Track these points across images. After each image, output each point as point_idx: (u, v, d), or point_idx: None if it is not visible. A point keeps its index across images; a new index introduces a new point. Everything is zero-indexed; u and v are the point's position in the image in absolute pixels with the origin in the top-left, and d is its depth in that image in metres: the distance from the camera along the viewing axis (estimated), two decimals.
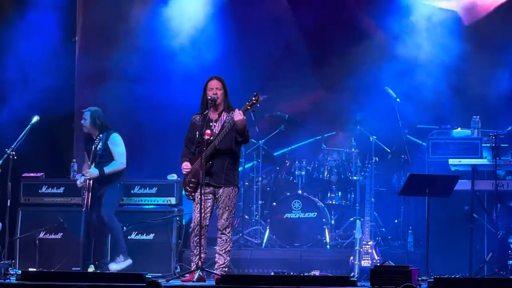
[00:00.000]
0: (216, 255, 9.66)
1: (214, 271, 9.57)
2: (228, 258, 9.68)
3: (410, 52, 12.70)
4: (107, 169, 10.74)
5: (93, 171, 10.65)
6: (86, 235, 10.97)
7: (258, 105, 9.73)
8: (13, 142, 10.72)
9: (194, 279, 9.39)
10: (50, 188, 11.56)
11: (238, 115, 9.45)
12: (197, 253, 9.39)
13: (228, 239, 9.61)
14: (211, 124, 9.56)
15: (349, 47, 13.18)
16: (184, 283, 9.24)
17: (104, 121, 11.02)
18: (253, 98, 9.61)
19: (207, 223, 9.58)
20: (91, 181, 10.71)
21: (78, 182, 10.88)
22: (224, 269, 9.56)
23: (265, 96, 9.90)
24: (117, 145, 10.90)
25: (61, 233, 11.46)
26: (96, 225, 10.92)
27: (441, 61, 12.84)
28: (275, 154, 13.08)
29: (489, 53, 12.87)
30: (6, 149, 10.63)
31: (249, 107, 9.58)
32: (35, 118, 10.96)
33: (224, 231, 9.50)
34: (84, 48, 13.77)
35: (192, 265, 9.58)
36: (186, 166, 9.64)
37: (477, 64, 12.85)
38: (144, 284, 8.18)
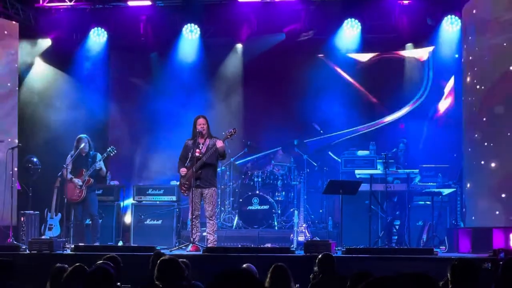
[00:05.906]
0: (207, 234, 10.52)
1: (206, 245, 10.25)
2: (215, 235, 10.52)
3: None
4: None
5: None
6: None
7: (235, 135, 10.72)
8: None
9: (189, 250, 10.13)
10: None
11: (220, 143, 10.40)
12: (193, 232, 10.36)
13: (214, 223, 10.52)
14: (199, 146, 10.50)
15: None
16: (183, 252, 9.87)
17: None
18: (232, 131, 10.56)
19: (199, 213, 10.51)
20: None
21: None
22: (214, 242, 10.46)
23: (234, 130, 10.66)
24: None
25: (101, 220, 11.95)
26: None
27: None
28: (239, 164, 13.71)
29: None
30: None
31: (229, 136, 10.55)
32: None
33: (210, 218, 10.42)
34: None
35: (190, 240, 10.40)
36: (183, 171, 10.53)
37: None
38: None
